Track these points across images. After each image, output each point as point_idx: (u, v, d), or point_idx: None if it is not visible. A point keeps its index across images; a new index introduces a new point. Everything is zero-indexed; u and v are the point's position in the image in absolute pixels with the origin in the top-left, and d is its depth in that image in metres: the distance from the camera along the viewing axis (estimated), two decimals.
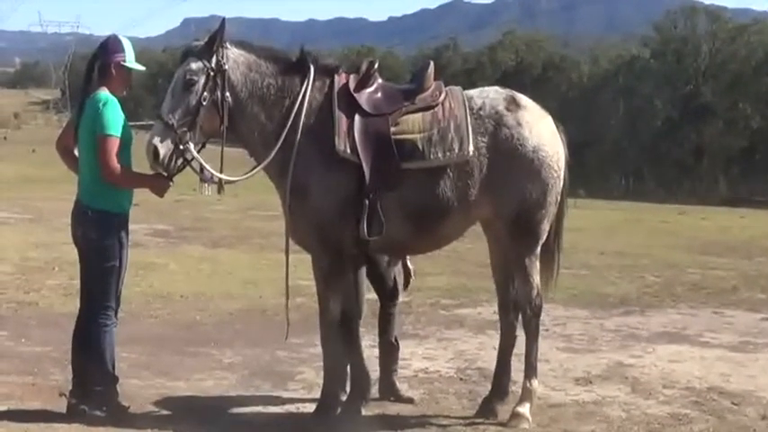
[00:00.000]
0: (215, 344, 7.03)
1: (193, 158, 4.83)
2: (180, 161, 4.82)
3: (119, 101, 4.96)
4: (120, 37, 5.07)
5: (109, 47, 5.01)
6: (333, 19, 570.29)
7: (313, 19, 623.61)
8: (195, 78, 4.79)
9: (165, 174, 4.82)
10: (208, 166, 4.92)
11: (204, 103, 4.79)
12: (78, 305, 5.09)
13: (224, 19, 4.90)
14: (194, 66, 4.80)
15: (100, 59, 4.98)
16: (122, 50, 4.99)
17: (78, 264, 5.07)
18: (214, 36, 4.85)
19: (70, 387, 5.02)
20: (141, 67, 5.16)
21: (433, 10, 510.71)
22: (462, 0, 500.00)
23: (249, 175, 5.07)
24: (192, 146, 4.79)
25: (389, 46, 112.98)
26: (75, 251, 5.07)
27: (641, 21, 79.57)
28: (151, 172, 4.89)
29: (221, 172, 4.99)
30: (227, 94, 4.84)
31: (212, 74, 4.81)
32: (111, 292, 4.93)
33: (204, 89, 4.79)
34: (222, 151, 4.98)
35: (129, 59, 5.00)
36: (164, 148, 4.72)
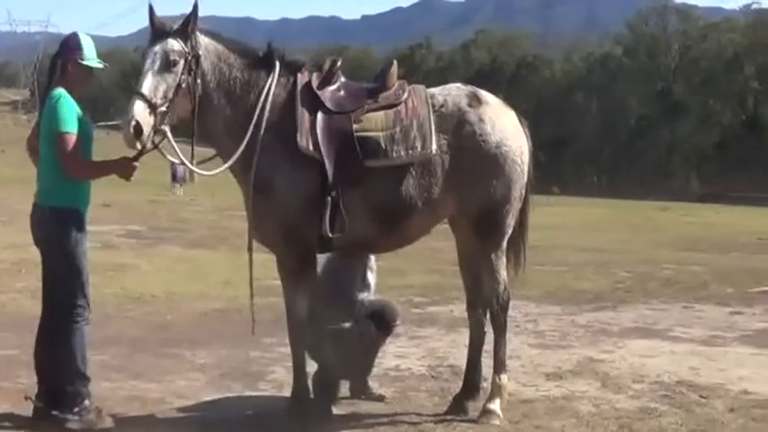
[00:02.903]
0: (188, 344, 6.99)
1: (165, 138, 4.65)
2: (153, 142, 4.65)
3: (79, 100, 4.87)
4: (81, 34, 4.98)
5: (68, 45, 4.93)
6: (306, 17, 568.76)
7: (287, 18, 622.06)
8: (177, 59, 4.67)
9: (140, 149, 4.59)
10: (177, 149, 4.77)
11: (182, 86, 4.69)
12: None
13: (196, 1, 4.78)
14: (176, 46, 4.68)
15: (60, 57, 4.92)
16: (80, 48, 4.90)
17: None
18: (188, 19, 4.75)
19: (36, 390, 4.97)
20: (100, 65, 5.02)
21: (409, 8, 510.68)
22: None
23: (219, 170, 4.96)
24: (168, 128, 4.65)
25: (366, 44, 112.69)
26: None
27: (620, 20, 79.89)
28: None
29: (192, 162, 4.88)
30: (198, 81, 4.77)
31: (189, 58, 4.72)
32: (77, 290, 4.87)
33: (183, 71, 4.69)
34: (193, 139, 4.85)
35: (88, 57, 4.91)
36: (146, 127, 4.54)
